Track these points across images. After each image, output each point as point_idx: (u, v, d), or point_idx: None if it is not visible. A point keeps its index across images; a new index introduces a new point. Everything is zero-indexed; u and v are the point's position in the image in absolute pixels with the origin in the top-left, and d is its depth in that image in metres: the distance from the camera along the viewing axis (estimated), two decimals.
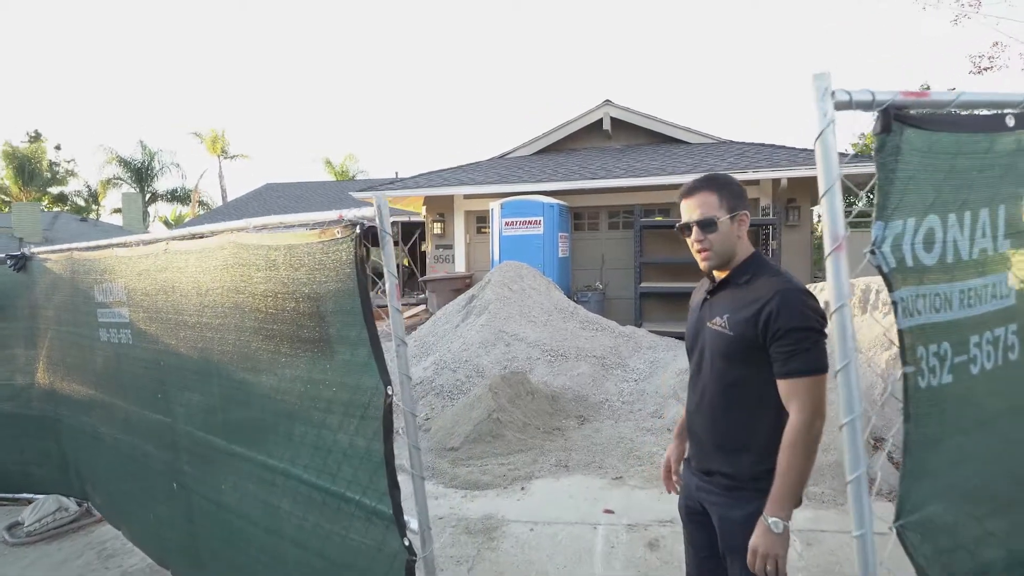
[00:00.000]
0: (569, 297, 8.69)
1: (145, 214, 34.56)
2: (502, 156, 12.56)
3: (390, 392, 1.76)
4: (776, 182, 9.77)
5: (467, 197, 11.30)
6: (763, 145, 11.27)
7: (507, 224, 9.84)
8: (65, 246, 3.50)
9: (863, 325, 4.87)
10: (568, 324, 7.14)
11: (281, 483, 2.16)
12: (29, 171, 36.78)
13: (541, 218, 9.69)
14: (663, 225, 9.97)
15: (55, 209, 37.03)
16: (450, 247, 11.50)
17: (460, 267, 11.38)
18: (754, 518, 1.56)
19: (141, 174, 36.09)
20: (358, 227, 1.66)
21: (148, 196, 36.90)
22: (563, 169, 10.90)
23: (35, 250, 3.89)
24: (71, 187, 40.63)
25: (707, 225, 1.67)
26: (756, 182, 9.98)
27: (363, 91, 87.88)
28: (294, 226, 1.90)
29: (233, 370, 2.26)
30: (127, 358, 3.00)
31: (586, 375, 6.27)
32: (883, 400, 4.33)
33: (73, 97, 67.33)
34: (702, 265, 1.74)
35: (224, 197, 31.37)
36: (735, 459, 1.67)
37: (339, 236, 1.70)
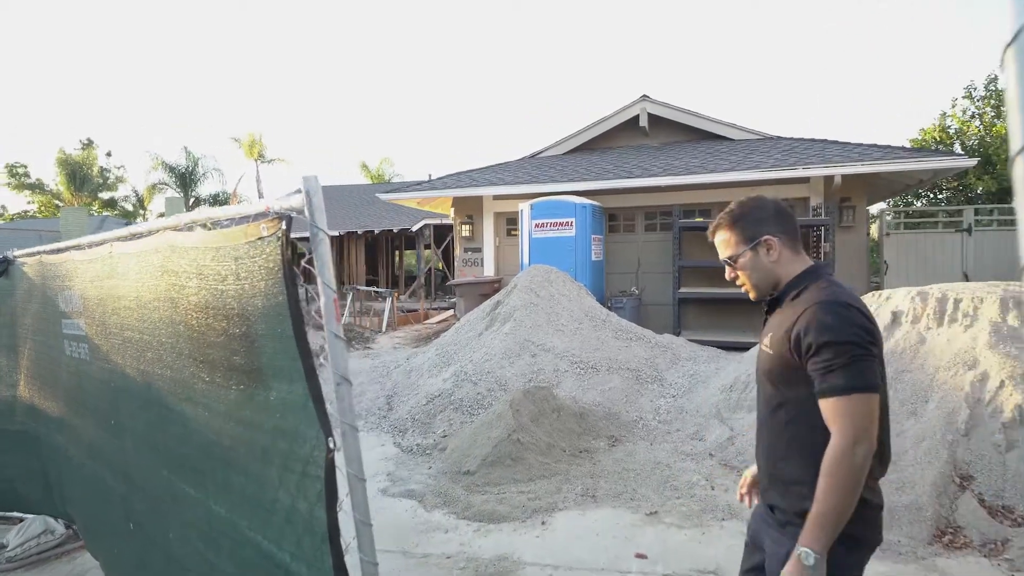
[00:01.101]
0: (602, 303, 8.16)
1: None
2: (533, 156, 12.10)
3: (332, 446, 1.32)
4: (828, 180, 9.03)
5: (496, 198, 10.88)
6: (813, 140, 10.51)
7: (537, 226, 9.36)
8: (36, 249, 3.19)
9: (940, 339, 4.21)
10: (600, 333, 6.61)
11: (226, 542, 1.74)
12: (81, 177, 38.12)
13: (573, 219, 9.18)
14: (704, 226, 9.34)
15: (104, 213, 38.25)
16: (479, 250, 11.09)
17: (489, 271, 10.96)
18: None
19: (185, 179, 36.98)
20: (285, 222, 1.22)
21: (192, 201, 37.82)
22: (597, 168, 10.37)
23: (16, 253, 3.61)
24: (120, 192, 41.99)
25: (731, 263, 1.66)
26: (806, 179, 9.25)
27: (400, 95, 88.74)
28: (222, 221, 1.47)
29: (172, 400, 1.86)
30: (86, 376, 2.65)
31: (618, 390, 5.74)
32: (967, 428, 3.69)
33: (124, 105, 69.83)
34: (750, 297, 1.70)
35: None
36: (787, 491, 1.53)
37: (265, 234, 1.26)
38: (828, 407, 1.39)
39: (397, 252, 23.50)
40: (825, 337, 1.39)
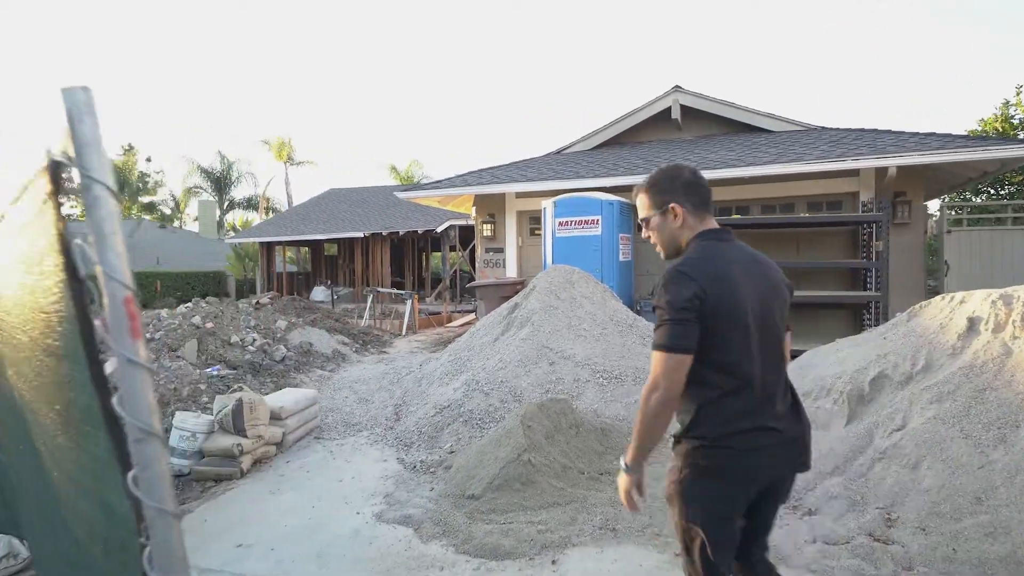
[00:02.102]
0: (630, 307, 7.57)
1: (222, 222, 35.83)
2: (558, 152, 11.56)
3: (144, 539, 0.82)
4: (881, 173, 8.26)
5: (519, 196, 10.38)
6: (863, 130, 9.72)
7: (561, 224, 8.83)
8: None
9: None
10: (626, 339, 6.04)
11: None
12: (120, 181, 39.04)
13: (599, 217, 8.62)
14: (741, 224, 8.67)
15: (144, 217, 39.09)
16: (501, 250, 10.61)
17: (511, 272, 10.46)
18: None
19: (220, 183, 37.53)
20: (51, 173, 0.72)
21: (226, 204, 38.39)
22: (625, 163, 9.77)
23: None
24: (159, 196, 42.89)
25: (644, 225, 1.90)
26: (855, 172, 8.50)
27: (428, 97, 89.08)
28: None
29: None
30: None
31: None
32: None
33: (162, 111, 71.68)
34: (662, 256, 1.90)
35: (290, 202, 31.93)
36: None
37: (34, 194, 0.77)
38: (652, 356, 1.66)
39: (424, 254, 23.20)
40: (654, 300, 1.70)
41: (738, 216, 9.09)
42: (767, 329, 1.74)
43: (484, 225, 10.62)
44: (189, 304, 7.01)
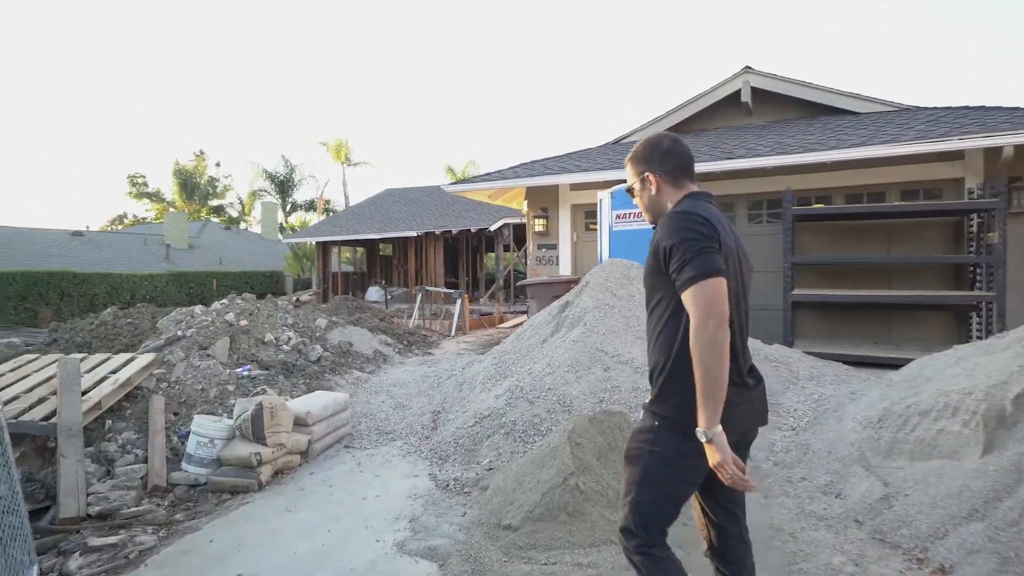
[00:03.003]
0: None
1: (284, 223, 36.69)
2: (616, 141, 10.82)
3: None
4: (992, 154, 7.14)
5: (573, 188, 9.71)
6: (967, 108, 8.54)
7: (619, 217, 8.11)
8: None
9: None
10: None
11: None
12: (191, 186, 40.71)
13: None
14: (823, 215, 7.71)
15: (212, 219, 40.60)
16: (554, 247, 9.97)
17: (565, 269, 9.81)
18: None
19: (283, 186, 38.55)
20: None
21: (289, 206, 39.37)
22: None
23: None
24: (228, 200, 44.51)
25: (630, 194, 1.99)
26: (959, 155, 7.40)
27: (485, 97, 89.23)
28: None
29: None
30: None
31: None
32: None
33: (231, 116, 74.66)
34: (647, 221, 1.97)
35: (346, 203, 32.29)
36: (651, 377, 1.90)
37: None
38: (685, 298, 1.62)
39: (478, 254, 22.80)
40: (667, 242, 1.68)
41: (820, 205, 8.13)
42: (742, 288, 1.78)
43: (536, 220, 10.00)
44: (224, 301, 6.72)
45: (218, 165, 46.02)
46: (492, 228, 17.55)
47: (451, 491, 3.98)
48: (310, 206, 38.33)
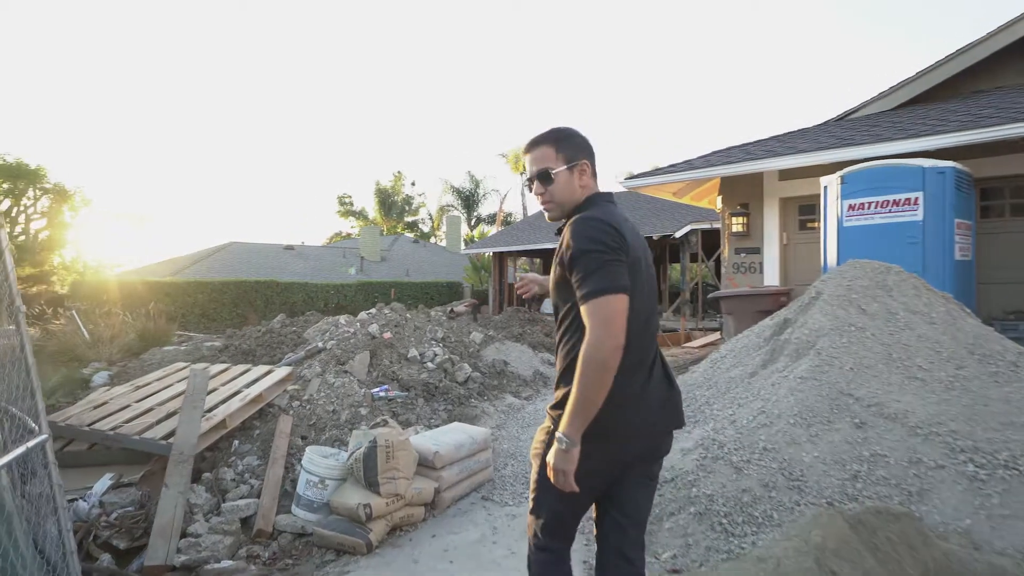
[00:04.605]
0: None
1: (466, 236, 38.02)
2: (841, 118, 8.57)
3: None
4: None
5: (783, 177, 7.78)
6: None
7: (853, 208, 6.11)
8: None
9: None
10: (1009, 389, 3.34)
11: None
12: (389, 204, 44.24)
13: (919, 194, 5.71)
14: None
15: (406, 234, 43.64)
16: (756, 251, 8.09)
17: (770, 278, 7.88)
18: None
19: (468, 201, 40.08)
20: None
21: (474, 220, 40.81)
22: (959, 116, 6.57)
23: None
24: (420, 216, 47.67)
25: (544, 178, 1.75)
26: None
27: (666, 98, 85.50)
28: None
29: None
30: None
31: None
32: None
33: (426, 136, 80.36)
34: (547, 217, 1.85)
35: (525, 214, 32.28)
36: (556, 385, 1.76)
37: None
38: (583, 311, 1.53)
39: (660, 264, 20.95)
40: (571, 248, 1.58)
41: None
42: (650, 293, 1.72)
43: (733, 219, 8.22)
44: (372, 311, 6.13)
45: (413, 184, 49.33)
46: (678, 235, 15.74)
47: None
48: (492, 219, 39.27)
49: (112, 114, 78.83)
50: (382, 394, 4.98)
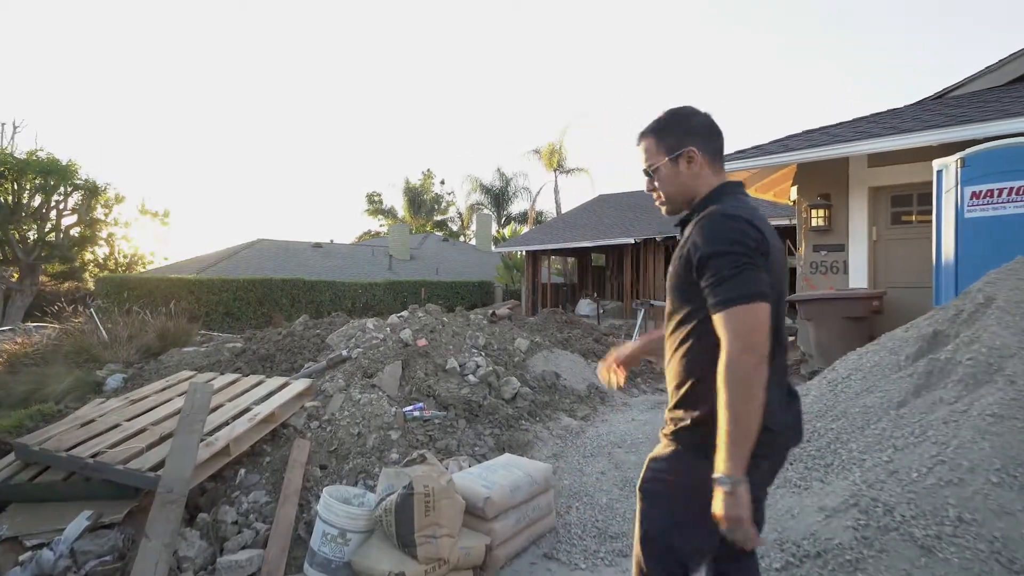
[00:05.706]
0: None
1: (496, 234, 37.25)
2: (940, 96, 7.49)
3: None
4: None
5: (873, 163, 6.76)
6: None
7: (977, 196, 5.10)
8: None
9: None
10: None
11: None
12: (418, 203, 43.75)
13: None
14: None
15: (436, 233, 43.08)
16: (840, 248, 7.07)
17: (859, 280, 6.87)
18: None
19: (498, 199, 39.26)
20: None
21: (504, 219, 39.99)
22: None
23: None
24: (449, 215, 47.08)
25: (650, 174, 1.61)
26: None
27: (715, 90, 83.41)
28: None
29: None
30: None
31: None
32: None
33: (454, 134, 79.69)
34: (663, 212, 1.67)
35: (558, 211, 31.33)
36: (674, 398, 1.56)
37: None
38: (717, 321, 1.35)
39: None
40: (709, 249, 1.38)
41: None
42: (783, 296, 1.55)
43: (812, 212, 7.21)
44: (404, 313, 5.33)
45: (442, 183, 48.85)
46: None
47: None
48: (523, 218, 38.40)
49: (146, 112, 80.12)
50: (416, 414, 4.17)
